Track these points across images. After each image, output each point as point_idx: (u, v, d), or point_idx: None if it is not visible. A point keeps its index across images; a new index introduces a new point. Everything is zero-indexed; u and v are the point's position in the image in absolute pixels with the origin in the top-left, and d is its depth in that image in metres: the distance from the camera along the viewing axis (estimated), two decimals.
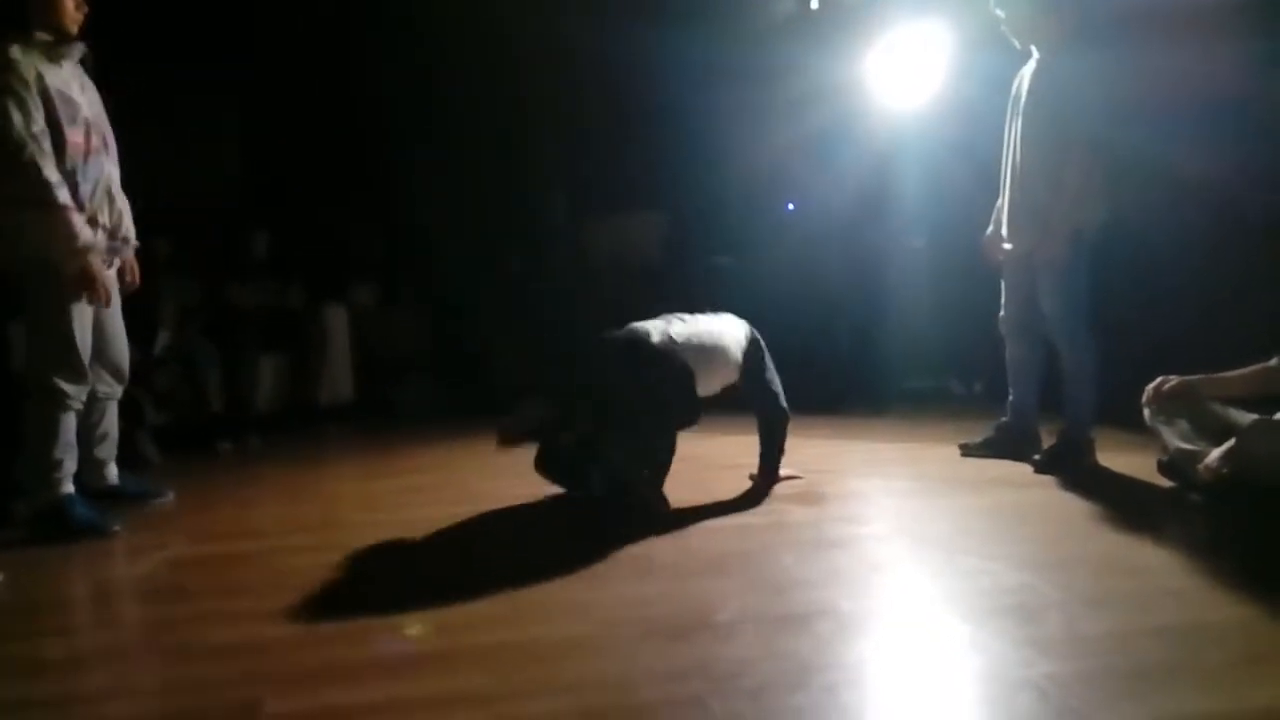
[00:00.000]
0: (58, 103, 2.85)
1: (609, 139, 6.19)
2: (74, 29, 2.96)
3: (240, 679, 1.73)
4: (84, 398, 3.02)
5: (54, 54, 2.90)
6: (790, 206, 6.17)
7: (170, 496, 3.43)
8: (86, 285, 2.88)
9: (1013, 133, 3.41)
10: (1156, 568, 2.24)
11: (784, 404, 3.28)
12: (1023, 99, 3.37)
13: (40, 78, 2.82)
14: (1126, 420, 3.29)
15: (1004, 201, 3.51)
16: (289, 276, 5.32)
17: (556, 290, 5.76)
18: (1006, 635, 1.77)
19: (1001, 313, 3.59)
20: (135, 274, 3.32)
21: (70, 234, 2.82)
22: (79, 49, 3.00)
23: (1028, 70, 3.39)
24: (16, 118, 2.74)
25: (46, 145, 2.80)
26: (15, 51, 2.79)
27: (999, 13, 3.36)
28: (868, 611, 1.98)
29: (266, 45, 6.01)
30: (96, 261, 2.93)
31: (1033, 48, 3.36)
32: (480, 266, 6.01)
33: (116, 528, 2.94)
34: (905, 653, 1.77)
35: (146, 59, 5.38)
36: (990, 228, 3.60)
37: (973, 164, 3.61)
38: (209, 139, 6.05)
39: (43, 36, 2.88)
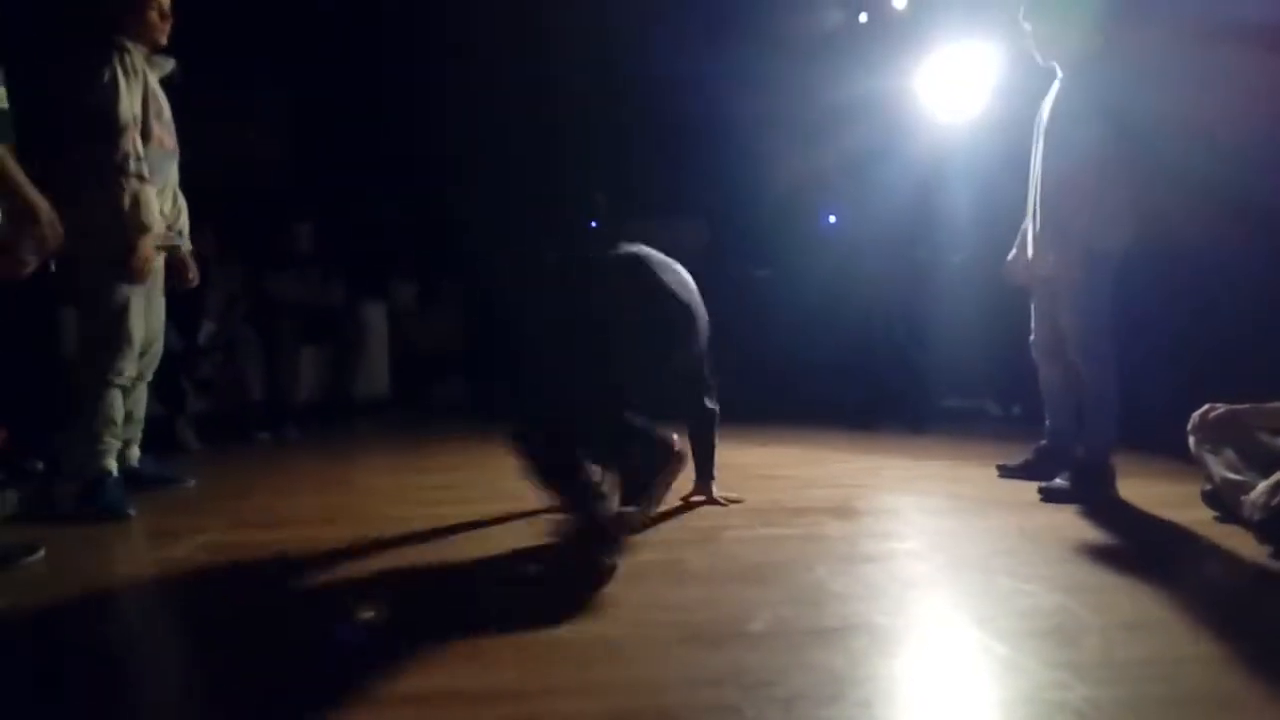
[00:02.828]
0: (151, 99, 3.13)
1: (653, 145, 6.21)
2: (163, 41, 3.23)
3: (269, 667, 1.75)
4: (132, 374, 3.13)
5: (150, 60, 3.20)
6: (831, 219, 6.14)
7: (191, 484, 3.48)
8: (138, 262, 3.04)
9: (1036, 155, 3.40)
10: (1197, 596, 2.20)
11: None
12: (1044, 121, 3.35)
13: (145, 71, 3.12)
14: (1170, 447, 3.24)
15: (1029, 224, 3.49)
16: (331, 271, 5.38)
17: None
18: (1043, 657, 1.74)
19: (1032, 336, 3.56)
20: (193, 273, 3.49)
21: (144, 210, 3.03)
22: (171, 64, 3.29)
23: (1051, 92, 3.38)
24: (125, 99, 3.01)
25: (136, 131, 3.06)
26: (129, 43, 3.09)
27: (1026, 26, 3.35)
28: (903, 628, 1.96)
29: (317, 41, 6.10)
30: (152, 243, 3.10)
31: (1056, 66, 3.34)
32: (519, 266, 6.04)
33: (131, 512, 3.00)
34: (941, 671, 1.75)
35: (197, 50, 5.49)
36: (1014, 251, 3.59)
37: (1019, 181, 3.57)
38: (257, 131, 6.14)
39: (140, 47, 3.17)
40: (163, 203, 3.21)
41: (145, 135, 3.10)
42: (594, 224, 6.38)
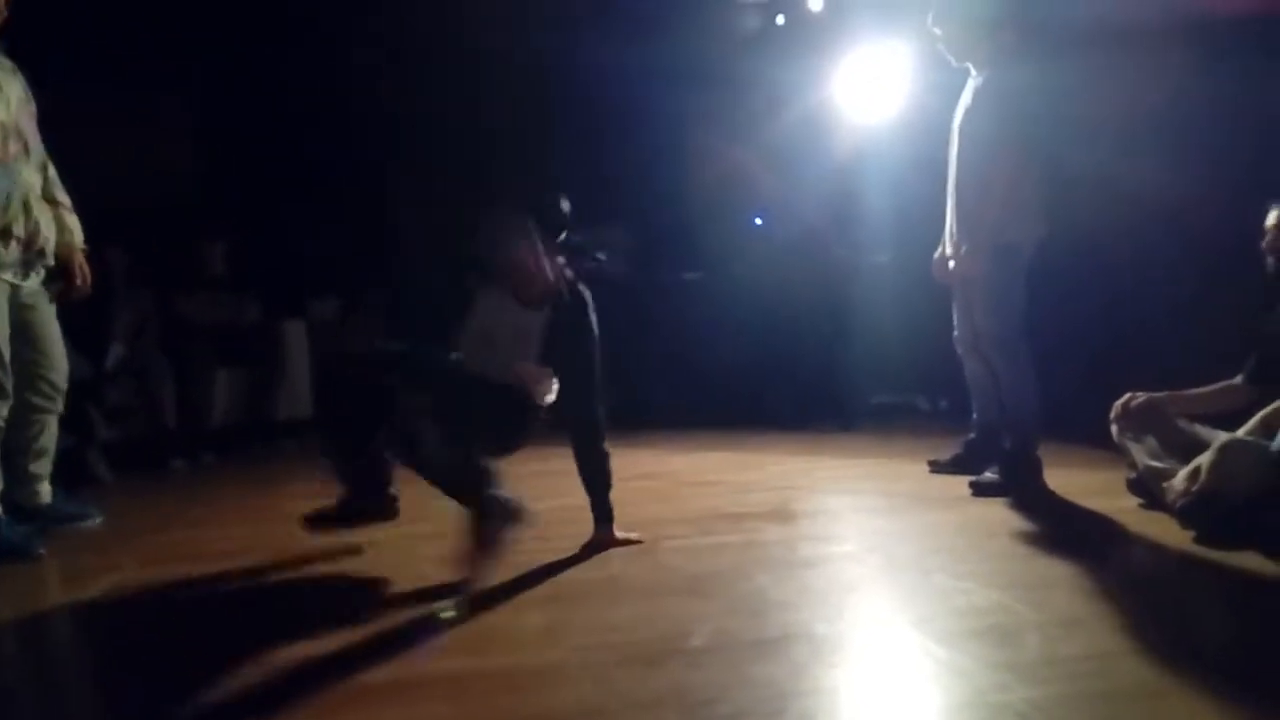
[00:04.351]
0: None
1: (575, 151, 6.14)
2: None
3: (193, 712, 1.65)
4: (4, 413, 2.91)
5: None
6: (758, 221, 6.17)
7: (98, 520, 3.30)
8: None
9: (952, 154, 3.45)
10: (1128, 586, 2.23)
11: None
12: (959, 120, 3.40)
13: None
14: (1093, 436, 3.30)
15: (949, 222, 3.54)
16: (246, 289, 5.19)
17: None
18: (983, 658, 1.74)
19: (955, 332, 3.61)
20: (87, 279, 3.22)
21: None
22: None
23: (967, 90, 3.43)
24: None
25: None
26: None
27: (936, 30, 3.40)
28: (843, 635, 1.95)
29: (228, 48, 5.89)
30: None
31: (970, 66, 3.39)
32: (445, 276, 5.92)
33: (41, 551, 2.84)
34: (883, 678, 1.74)
35: (103, 60, 5.26)
36: (939, 249, 3.62)
37: (937, 179, 3.62)
38: (166, 145, 5.91)
39: None
40: (11, 219, 2.89)
41: None
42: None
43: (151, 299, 4.83)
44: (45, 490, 3.21)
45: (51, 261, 3.11)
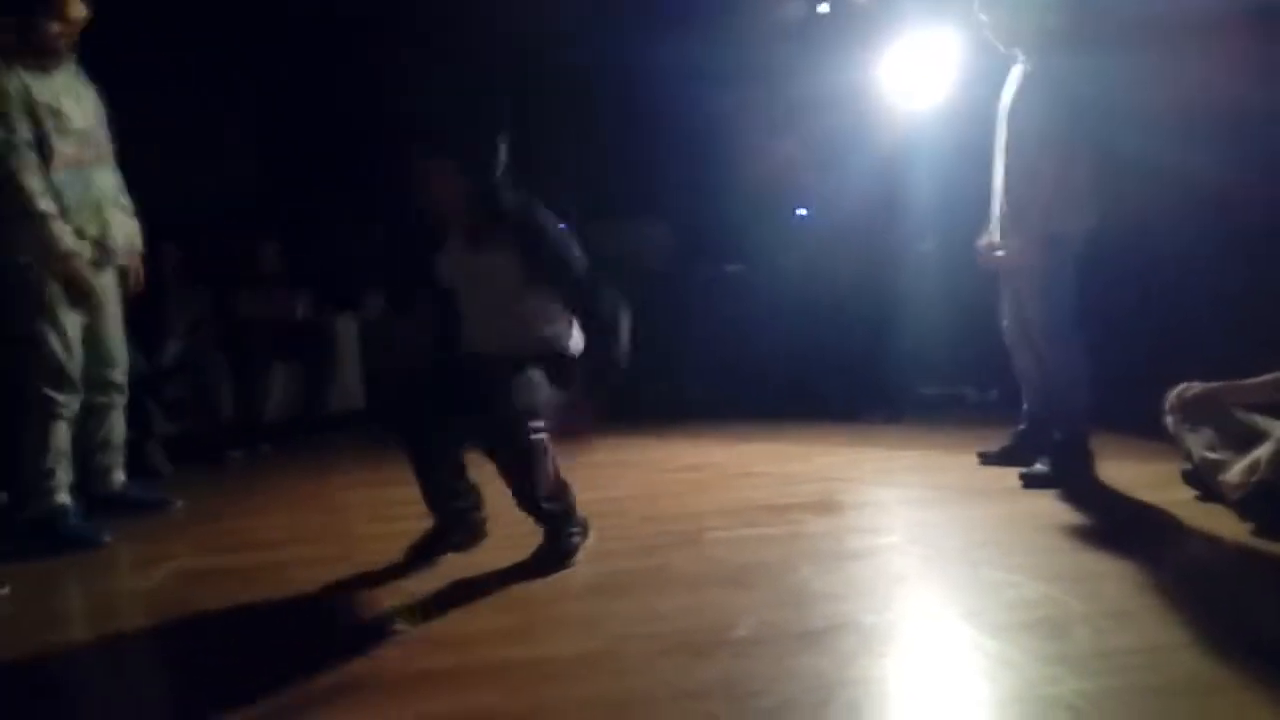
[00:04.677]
0: (44, 114, 2.90)
1: (618, 144, 6.14)
2: (60, 44, 2.96)
3: (245, 697, 1.70)
4: (75, 406, 3.02)
5: (43, 64, 2.94)
6: (801, 212, 6.12)
7: (179, 505, 3.42)
8: (75, 291, 2.93)
9: (999, 141, 3.39)
10: (1182, 579, 2.19)
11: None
12: (1006, 107, 3.35)
13: (26, 89, 2.88)
14: (1147, 427, 3.24)
15: (994, 210, 3.48)
16: (299, 286, 5.30)
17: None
18: (1034, 651, 1.73)
19: (1004, 322, 3.56)
20: (140, 280, 3.33)
21: (52, 241, 2.88)
22: (69, 60, 3.03)
23: (1013, 76, 3.37)
24: None
25: (30, 156, 2.85)
26: None
27: (982, 16, 3.35)
28: (890, 626, 1.94)
29: (281, 51, 6.00)
30: (83, 267, 2.96)
31: (1017, 52, 3.34)
32: None
33: (107, 539, 2.94)
34: (931, 670, 1.73)
35: (159, 62, 5.38)
36: (984, 236, 3.56)
37: (984, 167, 3.56)
38: (221, 144, 6.03)
39: (26, 52, 2.91)
40: (82, 221, 3.00)
41: (47, 156, 2.88)
42: None
43: (208, 297, 4.95)
44: (118, 479, 3.32)
45: (123, 261, 3.23)
